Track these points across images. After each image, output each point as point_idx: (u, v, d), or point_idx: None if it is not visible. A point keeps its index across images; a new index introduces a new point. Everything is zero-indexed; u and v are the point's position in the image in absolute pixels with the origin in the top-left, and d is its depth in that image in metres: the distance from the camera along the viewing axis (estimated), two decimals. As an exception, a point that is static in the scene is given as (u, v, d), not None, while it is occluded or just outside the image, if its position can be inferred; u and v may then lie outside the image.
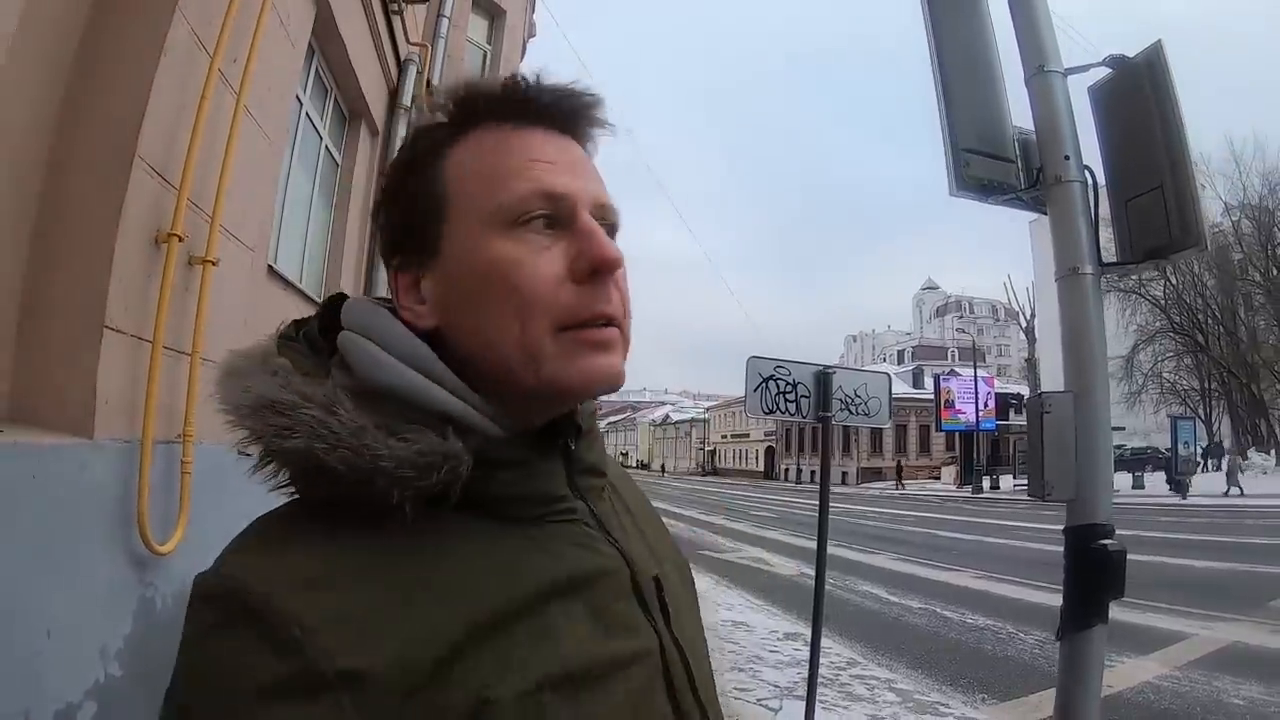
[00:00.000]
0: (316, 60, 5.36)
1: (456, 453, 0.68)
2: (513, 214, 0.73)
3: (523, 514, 0.74)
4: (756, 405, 5.01)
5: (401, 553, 0.66)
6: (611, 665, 0.71)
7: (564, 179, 0.75)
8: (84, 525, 2.48)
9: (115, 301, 2.59)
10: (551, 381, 0.73)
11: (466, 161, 0.76)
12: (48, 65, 2.51)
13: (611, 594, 0.76)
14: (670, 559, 0.93)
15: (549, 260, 0.73)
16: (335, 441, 0.65)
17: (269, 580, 0.61)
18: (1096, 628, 2.49)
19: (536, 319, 0.72)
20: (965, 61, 2.93)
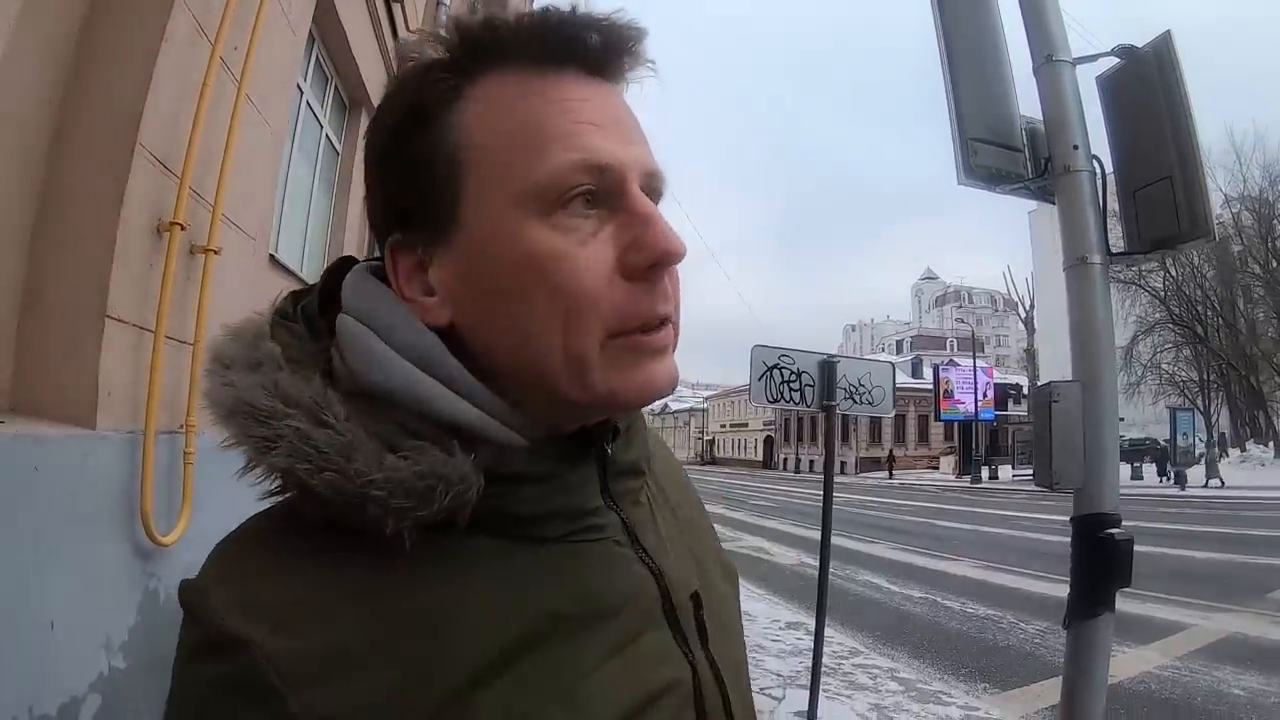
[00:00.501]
0: (317, 48, 5.33)
1: (464, 475, 0.57)
2: (553, 193, 0.59)
3: (544, 534, 0.64)
4: (760, 394, 5.01)
5: (398, 584, 0.57)
6: (634, 708, 0.61)
7: (611, 145, 0.61)
8: (87, 517, 2.47)
9: (117, 291, 2.58)
10: (602, 396, 0.62)
11: (486, 116, 0.61)
12: (49, 54, 2.49)
13: (639, 622, 0.66)
14: (713, 559, 0.85)
15: (597, 252, 0.60)
16: (321, 462, 0.55)
17: (249, 610, 0.53)
18: (1103, 616, 2.49)
19: (585, 326, 0.60)
20: (973, 50, 2.92)
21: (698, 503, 0.92)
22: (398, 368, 0.61)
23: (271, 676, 0.50)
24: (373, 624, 0.54)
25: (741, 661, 0.81)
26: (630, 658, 0.64)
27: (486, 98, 0.62)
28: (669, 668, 0.67)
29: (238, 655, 0.51)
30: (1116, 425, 2.66)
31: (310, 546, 0.58)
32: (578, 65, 0.63)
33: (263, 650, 0.51)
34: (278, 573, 0.56)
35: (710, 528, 0.91)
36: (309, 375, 0.60)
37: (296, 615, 0.53)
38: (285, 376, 0.59)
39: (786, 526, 19.40)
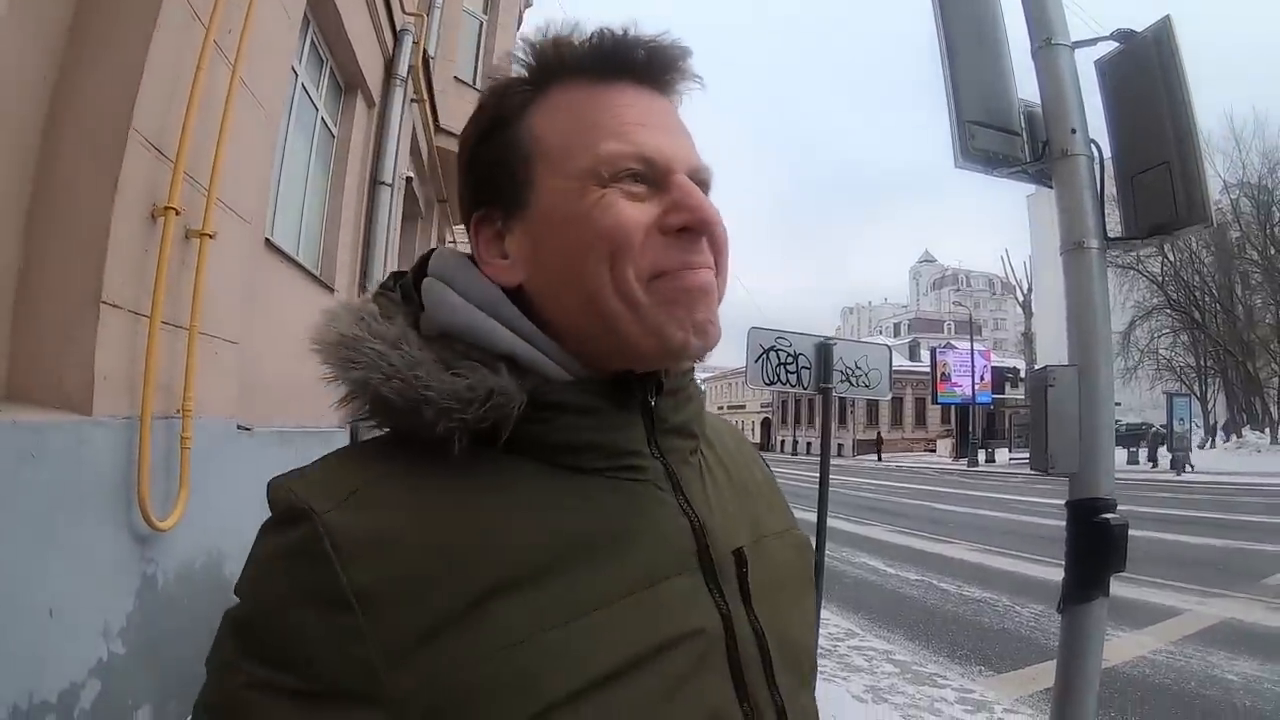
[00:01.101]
0: (312, 31, 5.30)
1: (505, 388, 0.68)
2: (607, 170, 0.71)
3: (585, 464, 0.73)
4: (757, 376, 5.01)
5: (447, 488, 0.67)
6: (653, 646, 0.67)
7: (657, 140, 0.74)
8: (84, 503, 2.48)
9: (112, 276, 2.57)
10: (655, 335, 0.71)
11: (554, 118, 0.75)
12: (42, 38, 2.48)
13: (671, 565, 0.72)
14: (778, 535, 0.90)
15: (639, 209, 0.72)
16: (391, 373, 0.68)
17: (319, 490, 0.65)
18: (1097, 600, 2.51)
19: (626, 264, 0.70)
20: (972, 33, 2.91)
21: (766, 483, 0.99)
22: (465, 310, 0.74)
23: (326, 544, 0.61)
24: (418, 516, 0.65)
25: (797, 627, 0.85)
26: (657, 595, 0.70)
27: (553, 104, 0.76)
28: (696, 614, 0.72)
29: (302, 524, 0.63)
30: (1112, 410, 2.66)
31: (380, 454, 0.71)
32: (629, 77, 0.76)
33: (323, 521, 0.62)
34: (348, 470, 0.69)
35: (783, 508, 0.98)
36: (395, 322, 0.72)
37: (355, 499, 0.65)
38: (377, 324, 0.72)
39: (784, 509, 19.43)
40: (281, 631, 0.60)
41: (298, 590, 0.61)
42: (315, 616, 0.60)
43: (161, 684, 2.82)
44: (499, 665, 0.60)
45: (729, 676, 0.72)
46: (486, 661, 0.60)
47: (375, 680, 0.59)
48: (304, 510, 0.63)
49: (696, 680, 0.69)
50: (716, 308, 0.76)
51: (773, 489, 1.00)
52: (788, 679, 0.78)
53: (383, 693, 0.58)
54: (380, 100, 6.86)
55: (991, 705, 5.26)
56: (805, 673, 0.85)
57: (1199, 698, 5.51)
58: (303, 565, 0.62)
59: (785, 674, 0.78)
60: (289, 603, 0.61)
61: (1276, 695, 5.50)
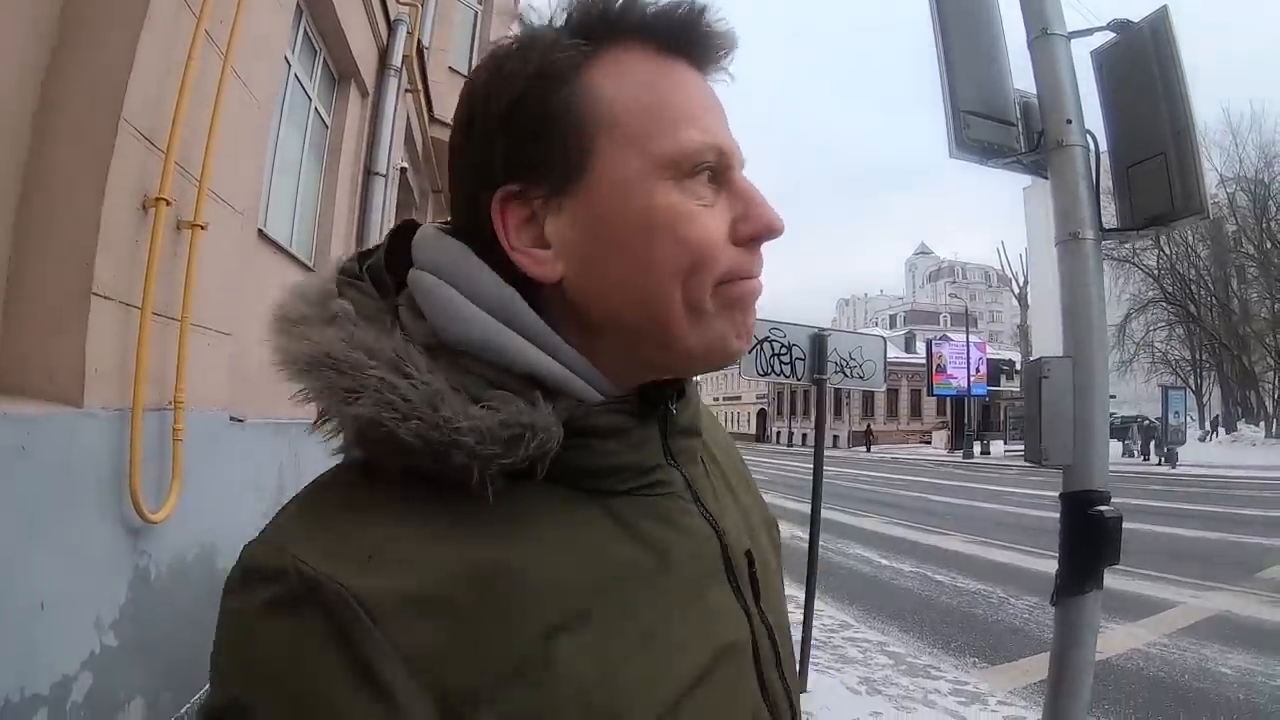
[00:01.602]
0: (305, 21, 5.27)
1: (547, 424, 0.60)
2: (687, 164, 0.64)
3: (613, 487, 0.66)
4: (751, 367, 5.01)
5: (479, 532, 0.58)
6: (709, 662, 0.65)
7: (724, 133, 0.68)
8: (76, 495, 2.47)
9: (103, 267, 2.55)
10: (709, 344, 0.66)
11: (624, 85, 0.65)
12: (32, 29, 2.46)
13: (705, 577, 0.70)
14: (760, 518, 0.88)
15: (716, 218, 0.66)
16: (407, 410, 0.57)
17: (332, 556, 0.54)
18: (1091, 593, 2.51)
19: (704, 277, 0.64)
20: (967, 22, 2.89)
21: (744, 467, 0.96)
22: (478, 320, 0.63)
23: (361, 615, 0.51)
24: (455, 569, 0.56)
25: (785, 616, 0.85)
26: (701, 610, 0.67)
27: (619, 70, 0.65)
28: (732, 624, 0.70)
29: (326, 599, 0.52)
30: (1107, 402, 2.66)
31: (388, 496, 0.59)
32: (689, 58, 0.68)
33: (350, 590, 0.52)
34: (358, 522, 0.57)
35: (755, 486, 0.95)
36: (385, 329, 0.62)
37: (381, 558, 0.54)
38: (362, 330, 0.61)
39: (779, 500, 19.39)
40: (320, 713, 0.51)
41: (339, 679, 0.51)
42: (367, 704, 0.50)
43: (154, 676, 2.82)
44: (577, 713, 0.56)
45: (755, 675, 0.71)
46: (564, 712, 0.55)
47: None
48: (321, 581, 0.52)
49: (742, 684, 0.69)
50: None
51: (747, 470, 0.96)
52: (790, 669, 0.78)
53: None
54: (374, 90, 6.83)
55: (985, 697, 5.27)
56: (793, 660, 0.83)
57: (1192, 691, 5.53)
58: (341, 649, 0.51)
59: (788, 665, 0.78)
60: (334, 701, 0.50)
61: (1270, 688, 5.52)
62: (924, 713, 4.98)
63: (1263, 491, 19.67)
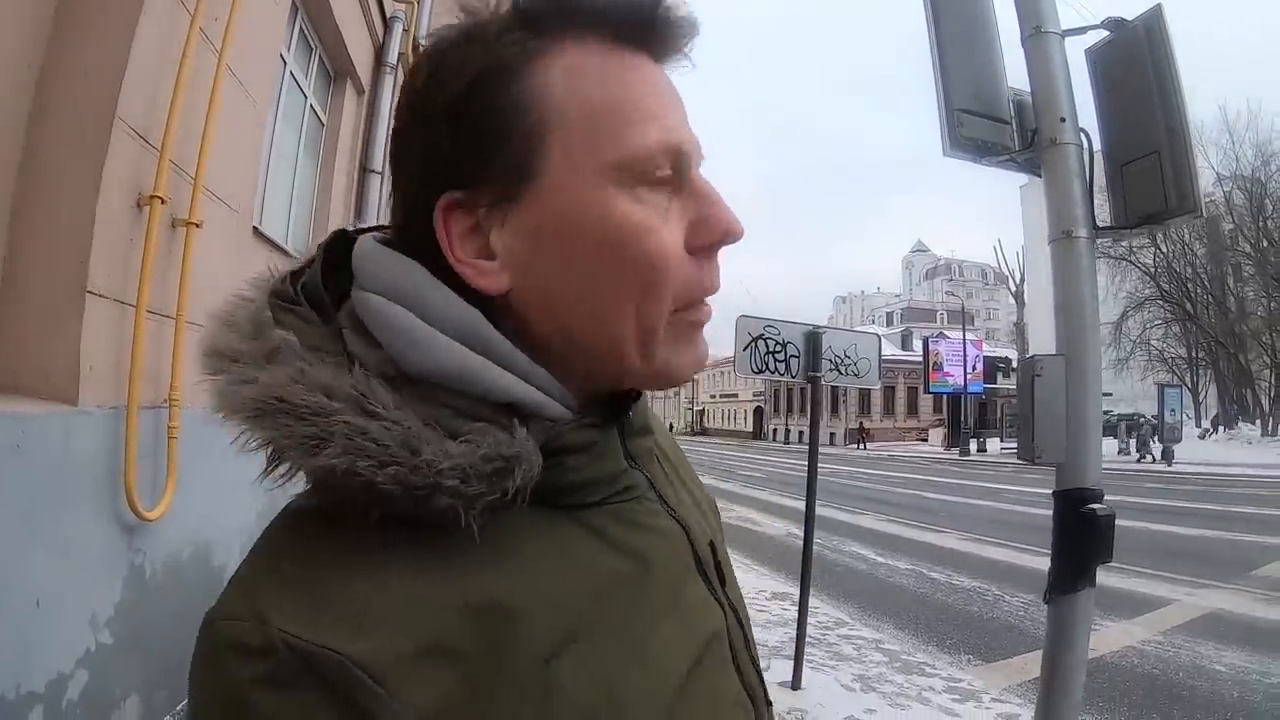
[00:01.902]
0: (300, 18, 5.26)
1: (528, 453, 0.56)
2: (641, 167, 0.59)
3: (586, 500, 0.64)
4: (745, 364, 5.01)
5: (466, 570, 0.54)
6: (696, 657, 0.64)
7: (684, 130, 0.63)
8: (71, 494, 2.47)
9: (97, 266, 2.55)
10: (663, 368, 0.63)
11: (577, 82, 0.59)
12: (26, 27, 2.45)
13: (680, 574, 0.69)
14: (707, 504, 0.88)
15: (673, 227, 0.61)
16: (383, 456, 0.51)
17: (320, 621, 0.48)
18: (1084, 591, 2.52)
19: (661, 298, 0.60)
20: (961, 20, 2.89)
21: (682, 452, 0.95)
22: (444, 347, 0.58)
23: (366, 681, 0.46)
24: (450, 613, 0.52)
25: (742, 599, 0.83)
26: (682, 608, 0.67)
27: (571, 64, 0.59)
28: (711, 616, 0.70)
29: (326, 671, 0.46)
30: (1100, 400, 2.67)
31: (363, 544, 0.53)
32: (648, 49, 0.63)
33: (350, 658, 0.47)
34: (338, 577, 0.51)
35: (698, 479, 0.94)
36: (339, 363, 0.55)
37: (373, 616, 0.49)
38: (314, 368, 0.54)
39: (775, 497, 19.47)
40: None
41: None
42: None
43: (149, 674, 2.82)
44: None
45: (731, 663, 0.71)
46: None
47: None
48: (314, 653, 0.47)
49: (725, 672, 0.70)
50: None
51: (684, 455, 0.94)
52: (754, 650, 0.78)
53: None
54: (370, 88, 6.82)
55: (980, 694, 5.28)
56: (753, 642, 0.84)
57: (1186, 688, 5.54)
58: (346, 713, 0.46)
59: (753, 646, 0.78)
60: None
61: (1264, 686, 5.53)
62: (918, 710, 4.98)
63: (1258, 489, 19.72)
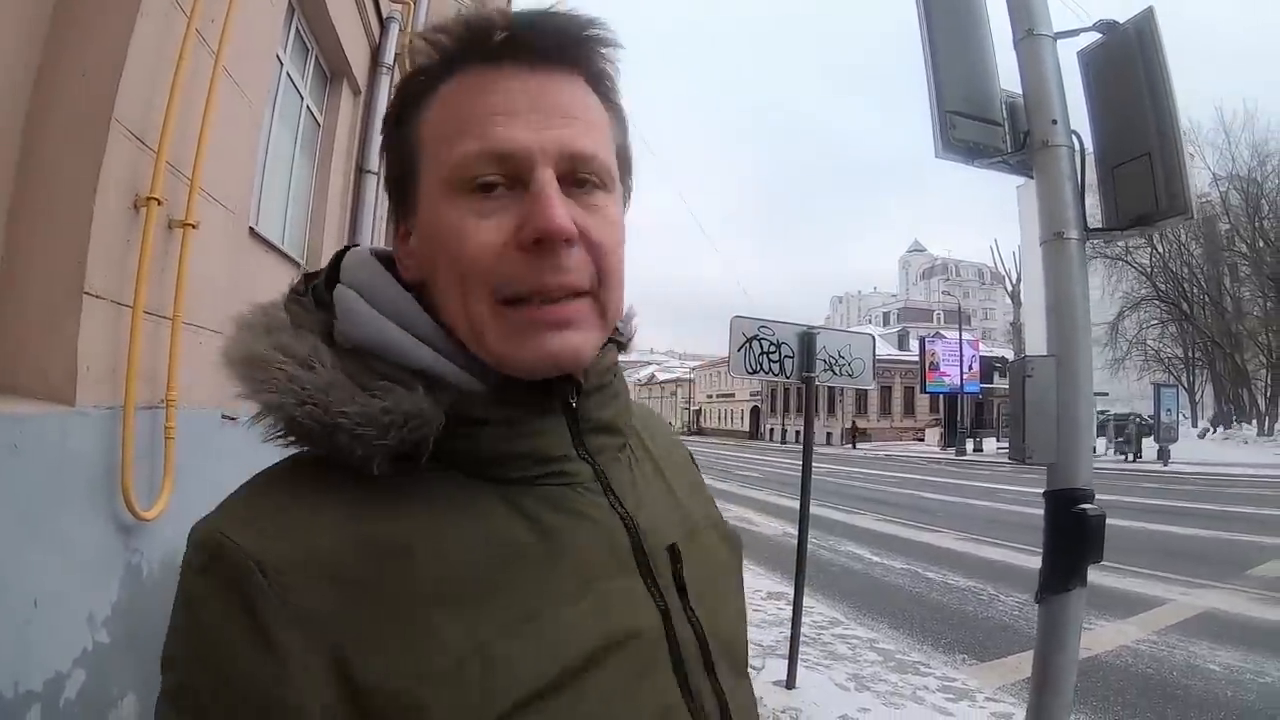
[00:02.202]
0: (296, 19, 5.26)
1: (421, 410, 0.66)
2: (462, 176, 0.68)
3: (510, 475, 0.71)
4: (740, 365, 5.03)
5: (373, 509, 0.65)
6: (601, 646, 0.67)
7: (519, 132, 0.68)
8: (68, 493, 2.48)
9: (94, 267, 2.56)
10: (499, 358, 0.70)
11: (438, 112, 0.71)
12: (23, 29, 2.46)
13: (609, 566, 0.72)
14: (710, 526, 0.90)
15: (494, 227, 0.68)
16: (303, 397, 0.65)
17: (241, 524, 0.63)
18: (1075, 591, 2.53)
19: (474, 291, 0.68)
20: (954, 22, 2.91)
21: (695, 482, 0.98)
22: (373, 322, 0.71)
23: (256, 573, 0.59)
24: (345, 541, 0.63)
25: (732, 620, 0.86)
26: (599, 597, 0.69)
27: (443, 98, 0.71)
28: (637, 613, 0.72)
29: (234, 561, 0.60)
30: (1091, 401, 2.68)
31: (300, 478, 0.68)
32: (515, 61, 0.70)
33: (252, 555, 0.60)
34: (267, 497, 0.67)
35: (709, 500, 0.97)
36: (307, 335, 0.69)
37: (279, 526, 0.63)
38: (287, 336, 0.69)
39: (771, 497, 19.48)
40: (230, 684, 0.58)
41: (237, 631, 0.59)
42: (262, 655, 0.58)
43: (146, 673, 2.82)
44: (447, 681, 0.60)
45: (673, 672, 0.72)
46: (435, 678, 0.60)
47: (331, 708, 0.58)
48: (229, 545, 0.61)
49: (647, 679, 0.70)
50: (590, 331, 0.72)
51: (700, 482, 1.00)
52: (726, 671, 0.78)
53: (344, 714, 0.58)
54: (367, 89, 6.81)
55: (974, 693, 5.30)
56: (742, 664, 0.85)
57: (1180, 687, 5.57)
58: (238, 603, 0.59)
59: (724, 667, 0.78)
60: (233, 648, 0.59)
61: (1258, 686, 5.56)
62: (912, 709, 5.01)
63: (1254, 489, 19.77)
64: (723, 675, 0.77)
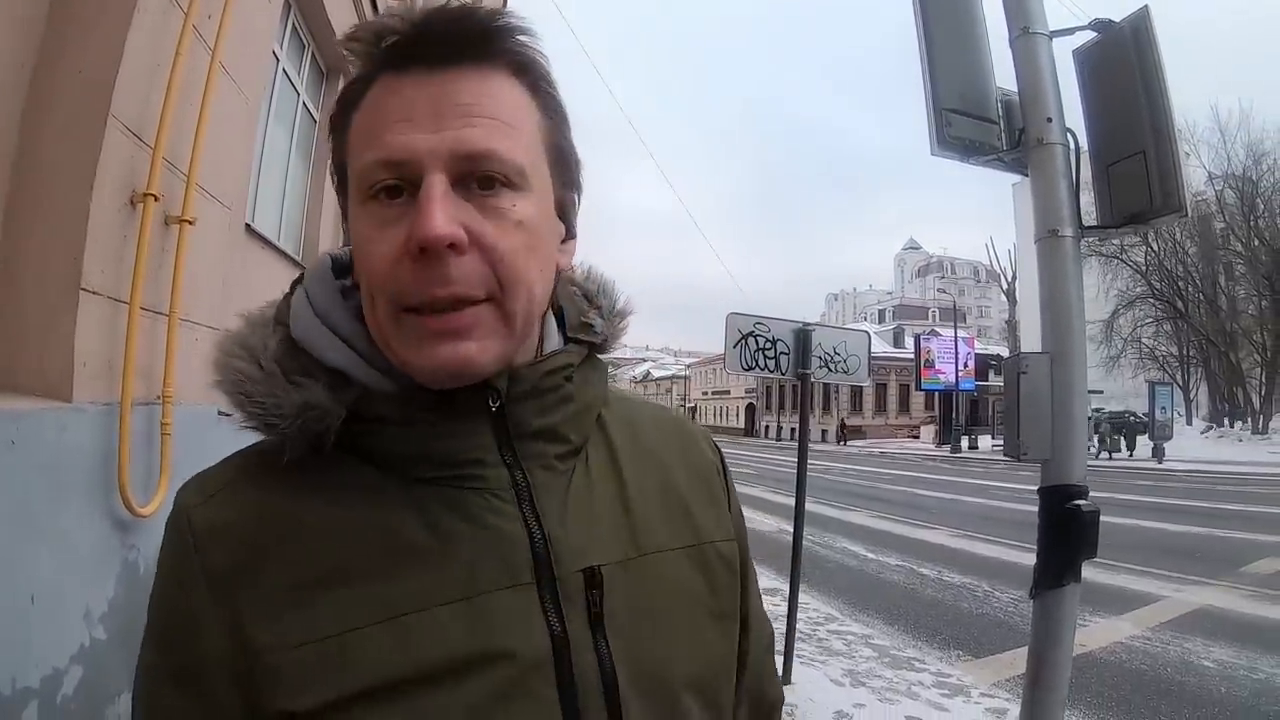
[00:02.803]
0: (293, 15, 5.27)
1: (317, 403, 0.70)
2: (364, 185, 0.69)
3: (417, 473, 0.72)
4: (735, 362, 5.03)
5: (285, 490, 0.71)
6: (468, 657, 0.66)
7: (411, 137, 0.67)
8: (65, 489, 2.48)
9: (91, 263, 2.56)
10: (403, 364, 0.71)
11: (359, 122, 0.72)
12: (20, 23, 2.46)
13: (498, 578, 0.70)
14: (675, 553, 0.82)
15: (390, 235, 0.67)
16: (244, 388, 0.72)
17: (193, 491, 0.73)
18: (1069, 587, 2.53)
19: (378, 299, 0.69)
20: (950, 20, 2.91)
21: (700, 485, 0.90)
22: (304, 319, 0.76)
23: (189, 534, 0.70)
24: (259, 512, 0.70)
25: (681, 660, 0.78)
26: (477, 607, 0.68)
27: (365, 105, 0.72)
28: (521, 633, 0.69)
29: (179, 518, 0.72)
30: (1085, 398, 2.69)
31: (251, 459, 0.75)
32: (419, 63, 0.69)
33: (189, 515, 0.71)
34: (227, 470, 0.75)
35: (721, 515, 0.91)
36: (273, 330, 0.76)
37: (220, 496, 0.72)
38: (257, 333, 0.76)
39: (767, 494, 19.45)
40: (160, 614, 0.72)
41: (171, 576, 0.71)
42: (181, 599, 0.69)
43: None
44: (305, 654, 0.65)
45: (557, 703, 0.68)
46: (295, 649, 0.65)
47: (225, 656, 0.66)
48: (181, 505, 0.73)
49: (515, 703, 0.67)
50: (485, 340, 0.69)
51: (709, 491, 0.91)
52: (644, 711, 0.72)
53: (231, 664, 0.66)
54: (363, 86, 6.81)
55: (969, 689, 5.32)
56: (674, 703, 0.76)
57: (1174, 684, 5.58)
58: (175, 554, 0.71)
59: (643, 707, 0.72)
60: (165, 588, 0.72)
61: (1251, 682, 5.58)
62: (907, 704, 5.02)
63: (1247, 487, 19.83)
64: (633, 708, 0.71)
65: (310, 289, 0.78)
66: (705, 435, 0.99)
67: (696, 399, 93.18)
